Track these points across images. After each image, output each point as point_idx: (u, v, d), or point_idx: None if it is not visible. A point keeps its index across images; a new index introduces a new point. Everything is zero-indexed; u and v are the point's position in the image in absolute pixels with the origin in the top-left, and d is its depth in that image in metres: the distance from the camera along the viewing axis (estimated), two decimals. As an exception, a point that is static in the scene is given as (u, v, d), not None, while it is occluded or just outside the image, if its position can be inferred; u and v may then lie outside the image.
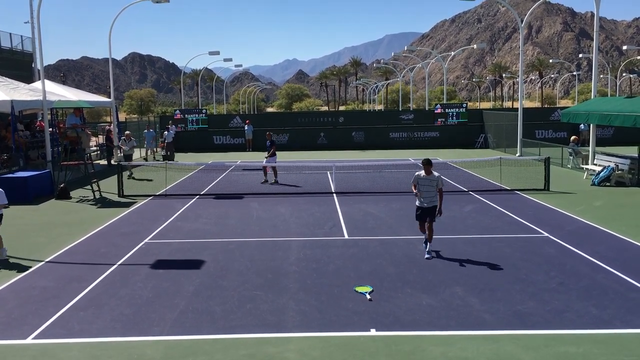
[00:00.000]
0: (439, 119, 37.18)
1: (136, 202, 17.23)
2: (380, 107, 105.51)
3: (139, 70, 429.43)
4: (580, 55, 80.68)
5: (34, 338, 7.28)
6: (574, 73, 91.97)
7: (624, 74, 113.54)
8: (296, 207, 15.86)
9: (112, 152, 28.34)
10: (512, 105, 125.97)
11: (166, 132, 30.72)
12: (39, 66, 22.81)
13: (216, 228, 13.50)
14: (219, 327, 7.51)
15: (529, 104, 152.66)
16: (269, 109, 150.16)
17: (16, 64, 32.48)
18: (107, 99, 33.27)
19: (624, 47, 63.55)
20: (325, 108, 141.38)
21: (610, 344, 6.83)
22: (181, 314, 7.96)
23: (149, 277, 9.68)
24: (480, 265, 10.10)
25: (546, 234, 12.33)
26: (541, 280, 9.19)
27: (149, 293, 8.87)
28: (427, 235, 10.63)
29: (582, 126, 31.64)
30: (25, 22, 34.70)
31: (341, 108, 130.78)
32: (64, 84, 50.25)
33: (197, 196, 18.07)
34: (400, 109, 68.63)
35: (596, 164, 20.96)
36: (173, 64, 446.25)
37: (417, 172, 10.75)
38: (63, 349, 6.96)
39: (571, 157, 23.99)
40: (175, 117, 37.51)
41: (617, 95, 68.47)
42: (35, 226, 14.11)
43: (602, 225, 13.03)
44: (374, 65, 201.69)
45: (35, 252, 11.45)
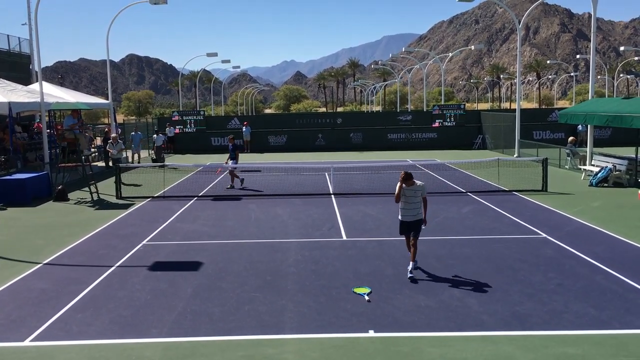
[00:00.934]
0: (437, 120, 37.28)
1: (134, 203, 17.21)
2: (378, 108, 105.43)
3: (137, 71, 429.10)
4: (578, 56, 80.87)
5: (32, 340, 7.27)
6: (572, 74, 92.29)
7: (621, 75, 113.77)
8: (294, 209, 15.86)
9: (109, 154, 28.22)
10: (510, 106, 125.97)
11: (155, 135, 30.48)
12: (36, 68, 22.84)
13: (214, 230, 13.49)
14: (217, 328, 7.51)
15: (526, 105, 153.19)
16: (267, 111, 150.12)
17: (14, 65, 32.49)
18: (105, 101, 33.23)
19: (622, 48, 63.73)
20: (323, 109, 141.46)
21: (609, 344, 6.84)
22: (179, 316, 7.96)
23: (147, 279, 9.68)
24: (478, 266, 10.11)
25: (544, 235, 12.34)
26: (539, 281, 9.20)
27: (147, 295, 8.86)
28: (411, 254, 9.65)
29: (579, 127, 31.72)
30: (23, 24, 34.81)
31: (339, 109, 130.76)
32: (61, 85, 50.19)
33: (195, 198, 18.07)
34: (398, 110, 68.63)
35: (594, 165, 21.01)
36: (171, 65, 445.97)
37: (399, 183, 9.67)
38: (61, 351, 6.95)
39: (569, 158, 24.00)
40: (173, 119, 37.59)
41: (615, 96, 68.61)
42: (33, 228, 14.09)
43: (600, 226, 13.04)
44: (372, 66, 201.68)
45: (34, 254, 11.43)
